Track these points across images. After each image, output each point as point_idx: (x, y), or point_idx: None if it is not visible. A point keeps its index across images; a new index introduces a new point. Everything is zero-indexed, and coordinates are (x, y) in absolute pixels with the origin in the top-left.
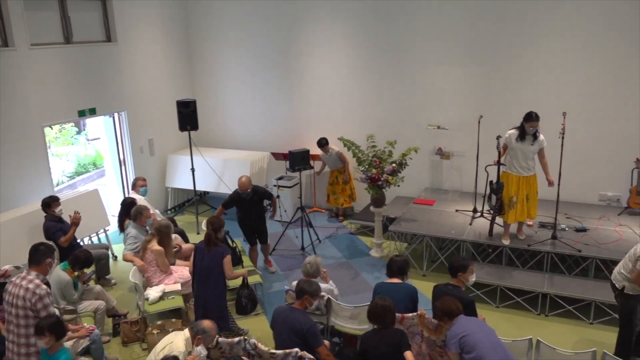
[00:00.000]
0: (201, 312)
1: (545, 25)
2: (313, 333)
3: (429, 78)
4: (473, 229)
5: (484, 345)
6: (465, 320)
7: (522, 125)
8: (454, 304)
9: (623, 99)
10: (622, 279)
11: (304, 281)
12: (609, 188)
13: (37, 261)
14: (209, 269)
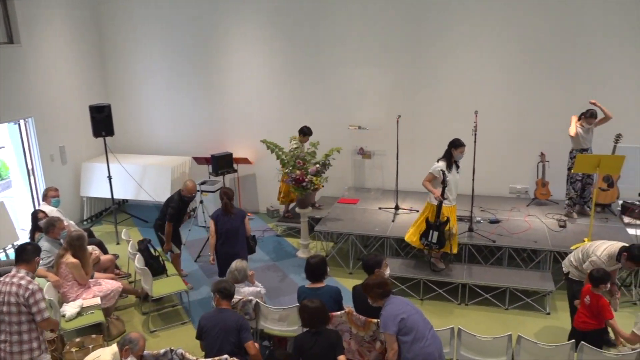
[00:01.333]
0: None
1: (459, 28)
2: (246, 327)
3: (349, 79)
4: (396, 225)
5: (420, 327)
6: (399, 301)
7: (449, 154)
8: (386, 280)
9: (528, 98)
10: (569, 265)
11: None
12: (518, 181)
13: (27, 259)
14: (236, 229)
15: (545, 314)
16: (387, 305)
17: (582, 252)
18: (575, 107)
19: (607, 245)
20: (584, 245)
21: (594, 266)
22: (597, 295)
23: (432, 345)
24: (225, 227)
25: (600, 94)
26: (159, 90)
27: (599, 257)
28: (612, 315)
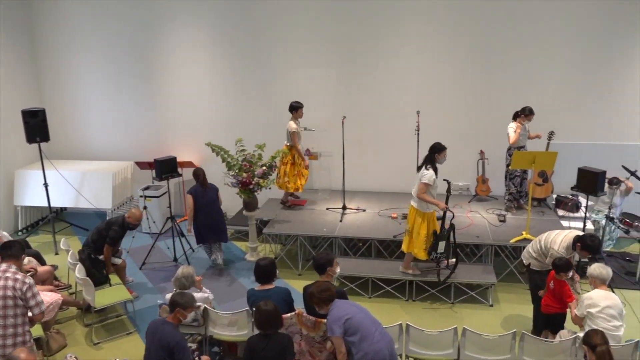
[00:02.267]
0: (210, 233)
1: (400, 29)
2: (181, 348)
3: (294, 80)
4: (344, 225)
5: (367, 326)
6: (342, 303)
7: (432, 159)
8: (328, 285)
9: (467, 98)
10: (529, 257)
11: (176, 294)
12: (459, 178)
13: (16, 255)
14: (212, 201)
15: (489, 306)
16: (332, 310)
17: (541, 244)
18: (511, 106)
19: (562, 237)
20: (540, 237)
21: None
22: (561, 281)
23: (381, 342)
24: (203, 201)
25: (534, 93)
26: (98, 94)
27: (557, 251)
28: (573, 299)
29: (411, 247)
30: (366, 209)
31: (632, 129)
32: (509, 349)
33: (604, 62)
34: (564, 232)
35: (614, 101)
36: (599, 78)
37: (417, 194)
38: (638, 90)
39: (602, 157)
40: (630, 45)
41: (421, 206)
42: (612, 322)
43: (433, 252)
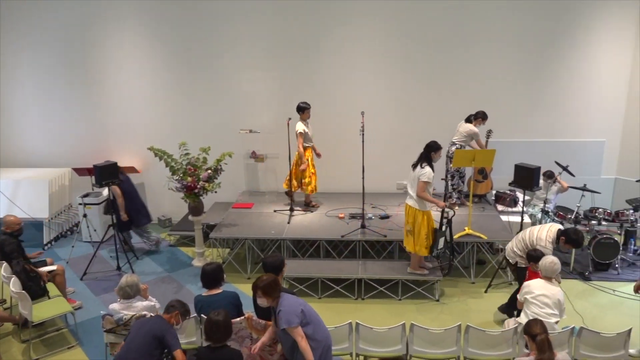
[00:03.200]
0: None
1: (347, 30)
2: (173, 335)
3: (238, 83)
4: (292, 227)
5: (314, 314)
6: (289, 296)
7: (428, 157)
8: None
9: (410, 98)
10: (515, 256)
11: (175, 300)
12: (404, 177)
13: None
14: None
15: (435, 301)
16: (282, 302)
17: (526, 242)
18: (454, 106)
19: (546, 233)
20: (521, 236)
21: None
22: (535, 272)
23: (325, 327)
24: (128, 188)
25: (477, 93)
26: (31, 98)
27: (545, 247)
28: None
29: (416, 246)
30: (313, 210)
31: (564, 127)
32: (455, 342)
33: (537, 64)
34: (544, 227)
35: (547, 101)
36: (533, 79)
37: (417, 192)
38: (569, 90)
39: (537, 154)
40: (561, 47)
41: (420, 205)
42: (544, 309)
43: (435, 248)
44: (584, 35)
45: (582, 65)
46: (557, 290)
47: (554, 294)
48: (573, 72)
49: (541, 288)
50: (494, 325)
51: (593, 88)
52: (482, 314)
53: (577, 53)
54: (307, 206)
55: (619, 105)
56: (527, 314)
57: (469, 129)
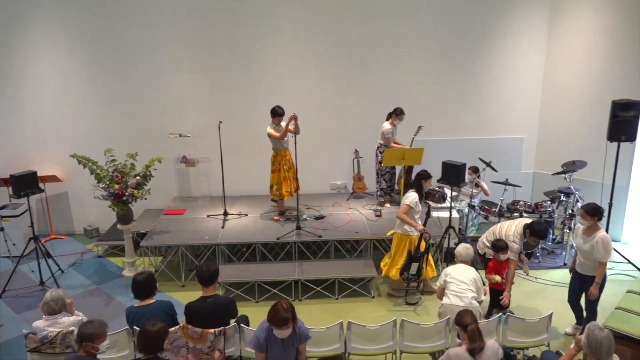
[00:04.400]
0: None
1: (274, 32)
2: None
3: (166, 86)
4: (226, 231)
5: None
6: None
7: (418, 185)
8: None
9: (340, 99)
10: (484, 247)
11: (81, 325)
12: (337, 177)
13: None
14: None
15: (371, 298)
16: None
17: (496, 236)
18: (381, 106)
19: (514, 228)
20: (492, 229)
21: (514, 250)
22: (500, 262)
23: None
24: None
25: (403, 93)
26: None
27: (513, 242)
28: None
29: (389, 269)
30: (248, 213)
31: (486, 125)
32: (391, 337)
33: (460, 67)
34: (513, 222)
35: (470, 101)
36: (457, 80)
37: (398, 213)
38: (489, 90)
39: (462, 151)
40: (480, 50)
41: (405, 230)
42: (460, 285)
43: (405, 272)
44: (501, 38)
45: (500, 66)
46: (472, 271)
47: (469, 274)
48: (492, 74)
49: (458, 270)
50: (427, 318)
51: (511, 88)
52: (417, 308)
53: (495, 55)
54: (282, 215)
55: (535, 103)
56: (447, 294)
57: (382, 127)
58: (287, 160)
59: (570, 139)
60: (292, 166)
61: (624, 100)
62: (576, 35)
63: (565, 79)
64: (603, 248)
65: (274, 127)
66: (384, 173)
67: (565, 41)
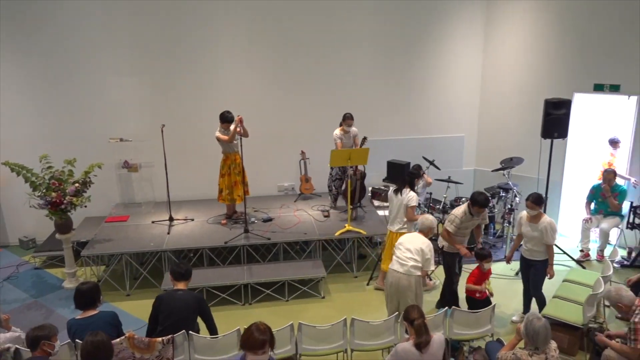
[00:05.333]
0: None
1: (216, 33)
2: None
3: (105, 89)
4: (172, 237)
5: None
6: None
7: (411, 183)
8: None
9: (285, 101)
10: (442, 240)
11: (31, 330)
12: (284, 179)
13: None
14: None
15: (321, 298)
16: None
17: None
18: (327, 107)
19: (459, 209)
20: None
21: (450, 220)
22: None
23: None
24: None
25: (348, 95)
26: None
27: (455, 214)
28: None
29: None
30: (194, 218)
31: (428, 124)
32: (342, 336)
33: (402, 67)
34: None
35: (412, 101)
36: (399, 81)
37: (408, 217)
38: (430, 90)
39: (406, 150)
40: (421, 50)
41: (409, 228)
42: (405, 253)
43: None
44: (441, 39)
45: (441, 66)
46: (423, 241)
47: (418, 243)
48: (433, 74)
49: (409, 238)
50: (377, 316)
51: (451, 88)
52: (365, 306)
53: (435, 56)
54: (229, 218)
55: (474, 103)
56: (392, 259)
57: (334, 133)
58: (237, 164)
59: (507, 137)
60: (242, 170)
61: (555, 99)
62: (511, 36)
63: (502, 78)
64: (551, 231)
65: (222, 130)
66: (334, 179)
67: (501, 42)
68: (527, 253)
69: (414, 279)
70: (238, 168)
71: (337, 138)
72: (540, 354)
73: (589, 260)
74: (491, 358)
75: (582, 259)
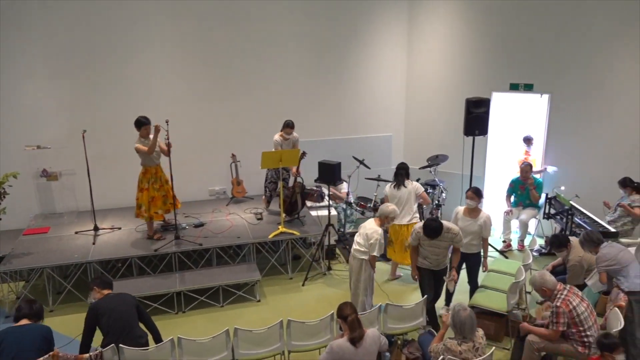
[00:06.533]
0: None
1: (141, 35)
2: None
3: (18, 94)
4: (98, 247)
5: None
6: None
7: (408, 174)
8: None
9: (214, 104)
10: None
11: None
12: (215, 183)
13: None
14: None
15: (257, 302)
16: None
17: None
18: (258, 108)
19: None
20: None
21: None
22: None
23: None
24: None
25: (275, 95)
26: None
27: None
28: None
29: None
30: (121, 226)
31: (357, 124)
32: (279, 338)
33: (330, 69)
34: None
35: (341, 102)
36: (327, 82)
37: (427, 202)
38: (358, 91)
39: (336, 151)
40: (347, 53)
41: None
42: (358, 237)
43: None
44: (366, 40)
45: (367, 67)
46: (371, 227)
47: (367, 228)
48: (360, 74)
49: (365, 223)
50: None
51: (378, 88)
52: (301, 307)
53: (362, 56)
54: (150, 238)
55: (401, 102)
56: None
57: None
58: (158, 178)
59: (433, 135)
60: (164, 184)
61: (475, 98)
62: (432, 36)
63: (426, 78)
64: (490, 225)
65: (141, 141)
66: (268, 182)
67: (424, 42)
68: (464, 247)
69: (360, 262)
70: (159, 182)
71: (277, 144)
72: (469, 342)
73: (511, 250)
74: (424, 350)
75: (504, 249)
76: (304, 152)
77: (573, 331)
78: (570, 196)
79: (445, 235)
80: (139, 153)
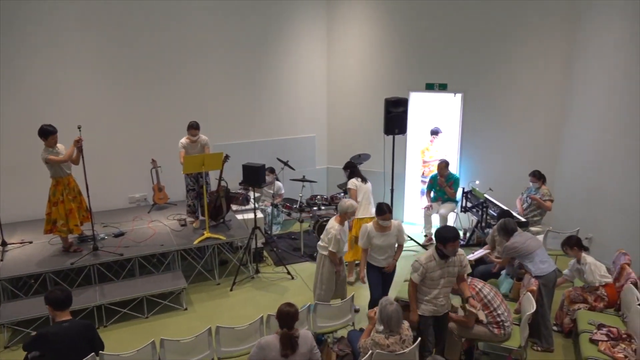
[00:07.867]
0: None
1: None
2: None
3: None
4: (6, 264)
5: None
6: None
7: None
8: None
9: (131, 109)
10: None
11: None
12: (135, 190)
13: None
14: None
15: (183, 310)
16: None
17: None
18: (175, 113)
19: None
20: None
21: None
22: None
23: None
24: None
25: (196, 98)
26: None
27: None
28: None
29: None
30: (32, 240)
31: (281, 126)
32: (208, 345)
33: (251, 71)
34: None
35: (263, 104)
36: (249, 85)
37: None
38: (280, 93)
39: (261, 153)
40: (269, 55)
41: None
42: (322, 235)
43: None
44: (287, 41)
45: (289, 68)
46: (331, 223)
47: (328, 224)
48: (281, 75)
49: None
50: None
51: (300, 89)
52: (230, 312)
53: (283, 58)
54: (66, 251)
55: (322, 103)
56: None
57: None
58: (71, 189)
59: (355, 135)
60: (77, 194)
61: (394, 98)
62: (351, 37)
63: (346, 78)
64: (404, 230)
65: (50, 151)
66: (188, 190)
67: (343, 42)
68: (385, 262)
69: (320, 257)
70: (73, 193)
71: (182, 147)
72: (395, 335)
73: (432, 243)
74: (353, 346)
75: (426, 242)
76: (227, 155)
77: (486, 313)
78: (484, 189)
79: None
80: (48, 164)
